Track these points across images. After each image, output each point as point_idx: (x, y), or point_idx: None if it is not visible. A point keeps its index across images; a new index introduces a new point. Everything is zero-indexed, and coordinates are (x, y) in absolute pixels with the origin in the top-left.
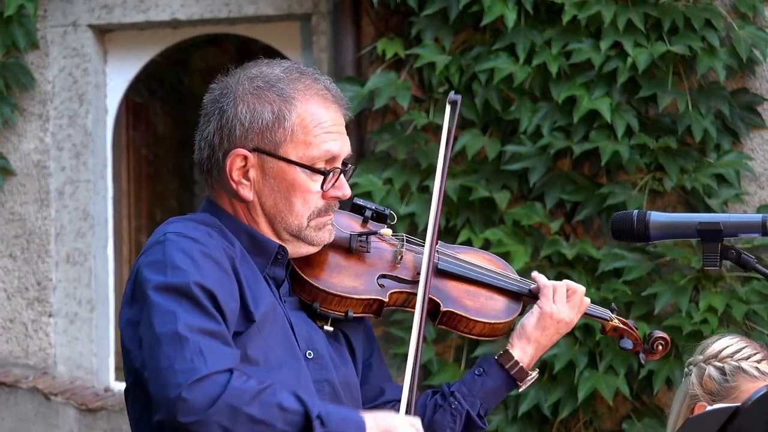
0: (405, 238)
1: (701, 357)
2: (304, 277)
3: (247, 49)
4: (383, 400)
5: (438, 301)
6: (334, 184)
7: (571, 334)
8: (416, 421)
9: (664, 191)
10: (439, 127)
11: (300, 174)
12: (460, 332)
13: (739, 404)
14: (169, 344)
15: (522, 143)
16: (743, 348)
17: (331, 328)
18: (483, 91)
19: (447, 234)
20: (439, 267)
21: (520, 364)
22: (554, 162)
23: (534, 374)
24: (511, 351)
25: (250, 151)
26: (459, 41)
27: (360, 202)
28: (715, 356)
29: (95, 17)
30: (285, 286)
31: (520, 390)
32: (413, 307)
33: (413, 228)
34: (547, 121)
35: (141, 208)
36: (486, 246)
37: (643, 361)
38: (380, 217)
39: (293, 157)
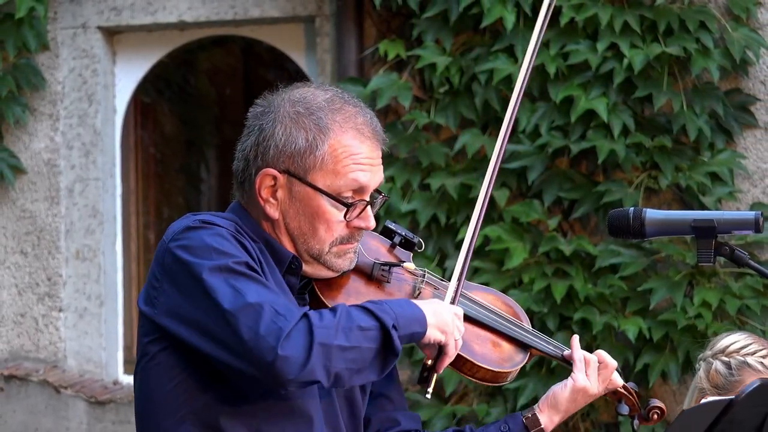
0: (425, 273)
1: (710, 352)
2: (322, 298)
3: (252, 51)
4: (397, 430)
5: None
6: (359, 214)
7: (568, 328)
8: (459, 311)
9: (660, 189)
10: (440, 127)
11: (325, 202)
12: (463, 374)
13: (732, 397)
14: (245, 315)
15: (521, 142)
16: (750, 344)
17: None
18: (483, 91)
19: (447, 230)
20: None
21: None
22: (552, 160)
23: None
24: (539, 416)
25: (280, 172)
26: (459, 43)
27: (391, 226)
28: (723, 351)
29: (104, 19)
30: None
31: None
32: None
33: (414, 225)
34: (545, 120)
35: (149, 206)
36: (485, 242)
37: (635, 428)
38: (408, 244)
39: (320, 185)
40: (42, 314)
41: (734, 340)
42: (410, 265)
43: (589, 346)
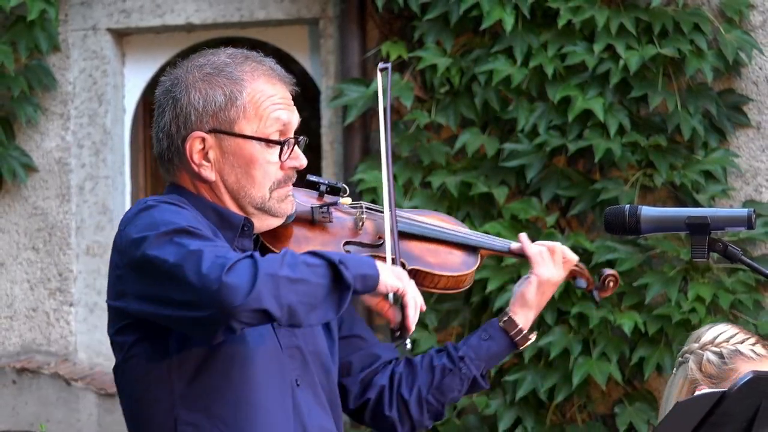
0: (363, 205)
1: (697, 345)
2: (274, 250)
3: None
4: (380, 362)
5: (402, 260)
6: (290, 155)
7: (565, 322)
8: (403, 273)
9: (655, 187)
10: (441, 126)
11: (257, 147)
12: (426, 288)
13: (725, 389)
14: (188, 262)
15: (519, 141)
16: (737, 333)
17: None
18: (482, 91)
19: None
20: (399, 229)
21: (524, 331)
22: (550, 159)
23: (533, 337)
24: (514, 318)
25: (207, 133)
26: (459, 44)
27: (313, 178)
28: (712, 342)
29: (114, 21)
30: None
31: (520, 349)
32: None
33: None
34: (543, 120)
35: None
36: None
37: (597, 299)
38: (334, 191)
39: (248, 132)
40: (53, 309)
41: (721, 330)
42: (346, 200)
43: (585, 341)
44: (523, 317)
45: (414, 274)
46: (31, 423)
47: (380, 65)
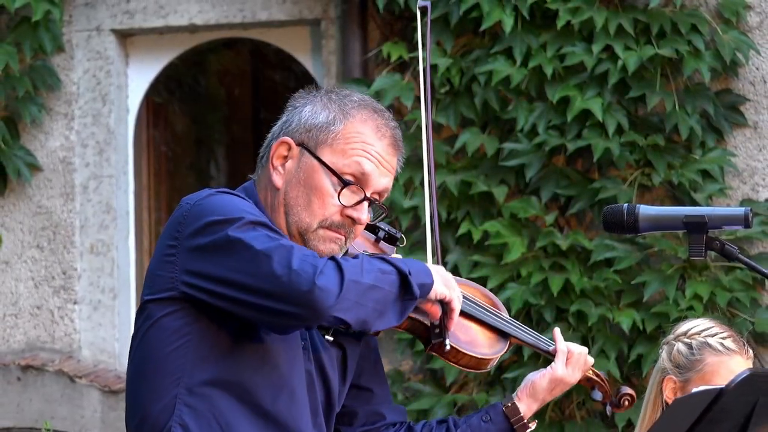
0: None
1: (672, 336)
2: None
3: (260, 53)
4: (383, 423)
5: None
6: (354, 204)
7: (565, 320)
8: (452, 281)
9: (653, 186)
10: (441, 126)
11: (325, 177)
12: (447, 360)
13: (723, 386)
14: (278, 254)
15: (519, 141)
16: (711, 327)
17: (332, 338)
18: (482, 91)
19: (448, 226)
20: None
21: (524, 420)
22: (549, 158)
23: (533, 426)
24: (518, 405)
25: (295, 143)
26: (459, 45)
27: (375, 222)
28: (684, 333)
29: (117, 22)
30: None
31: None
32: (409, 329)
33: (416, 221)
34: (542, 120)
35: (160, 202)
36: (485, 237)
37: (608, 414)
38: (391, 239)
39: (326, 160)
40: (57, 306)
41: (696, 323)
42: (397, 257)
43: (584, 338)
44: (527, 407)
45: (438, 345)
46: (36, 419)
47: (420, 3)
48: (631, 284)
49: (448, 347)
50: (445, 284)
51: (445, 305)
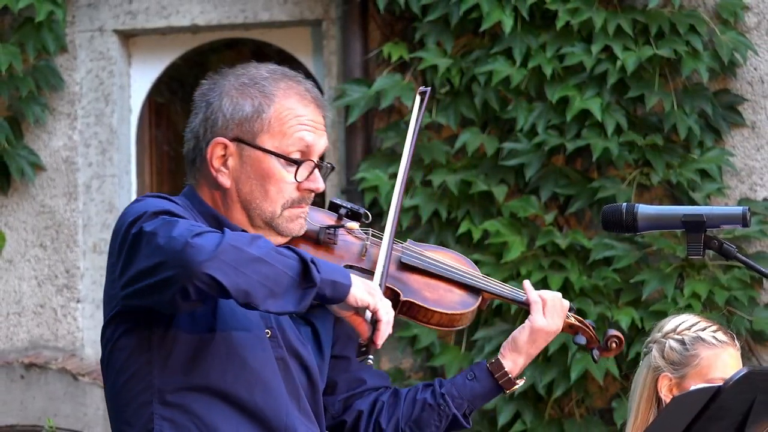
0: (371, 233)
1: (659, 334)
2: None
3: (261, 53)
4: (365, 388)
5: (398, 291)
6: (308, 177)
7: None
8: (377, 290)
9: (651, 185)
10: (441, 126)
11: (275, 163)
12: (419, 321)
13: (721, 384)
14: (162, 228)
15: (518, 140)
16: (698, 321)
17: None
18: (482, 91)
19: (448, 225)
20: (402, 260)
21: (509, 375)
22: (548, 158)
23: (521, 383)
24: (502, 361)
25: (230, 141)
26: (460, 45)
27: (336, 200)
28: (674, 330)
29: (120, 23)
30: None
31: (506, 394)
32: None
33: (417, 219)
34: (541, 119)
35: None
36: (485, 236)
37: (596, 358)
38: (354, 215)
39: (269, 147)
40: (60, 305)
41: (682, 320)
42: (354, 225)
43: None
44: (512, 362)
45: (408, 306)
46: (39, 417)
47: (420, 89)
48: (630, 283)
49: (371, 362)
50: (368, 291)
51: (374, 317)
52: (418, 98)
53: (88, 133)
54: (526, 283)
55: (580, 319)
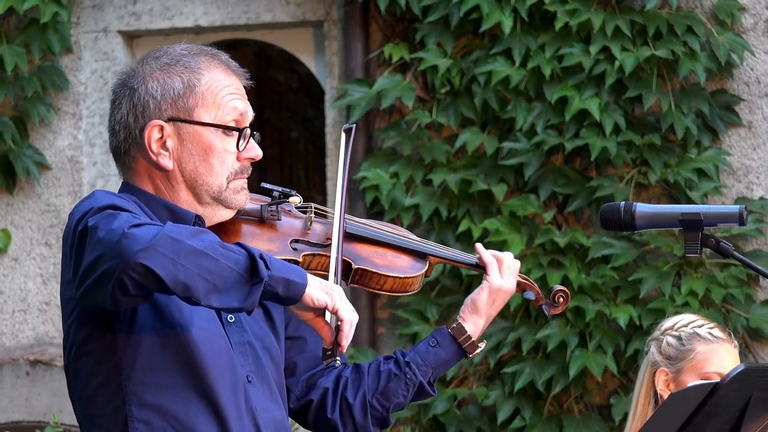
0: (312, 206)
1: (658, 332)
2: None
3: (264, 54)
4: (325, 365)
5: (349, 260)
6: (246, 145)
7: (563, 316)
8: (336, 290)
9: (649, 184)
10: (442, 126)
11: (215, 135)
12: (372, 289)
13: (718, 380)
14: (104, 221)
15: (518, 140)
16: (696, 319)
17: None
18: (482, 91)
19: (448, 223)
20: (347, 230)
21: (472, 339)
22: (547, 157)
23: (482, 346)
24: (464, 324)
25: (165, 121)
26: (460, 46)
27: (267, 185)
28: (672, 327)
29: (124, 24)
30: None
31: (469, 358)
32: (326, 269)
33: (417, 218)
34: (541, 119)
35: None
36: (484, 234)
37: (547, 313)
38: (287, 197)
39: (206, 120)
40: None
41: (681, 318)
42: (296, 199)
43: (582, 333)
44: (473, 324)
45: (360, 274)
46: (44, 413)
47: (345, 126)
48: (628, 281)
49: (338, 365)
50: (325, 291)
51: (336, 319)
52: (343, 136)
53: (93, 132)
54: (479, 245)
55: (526, 277)
